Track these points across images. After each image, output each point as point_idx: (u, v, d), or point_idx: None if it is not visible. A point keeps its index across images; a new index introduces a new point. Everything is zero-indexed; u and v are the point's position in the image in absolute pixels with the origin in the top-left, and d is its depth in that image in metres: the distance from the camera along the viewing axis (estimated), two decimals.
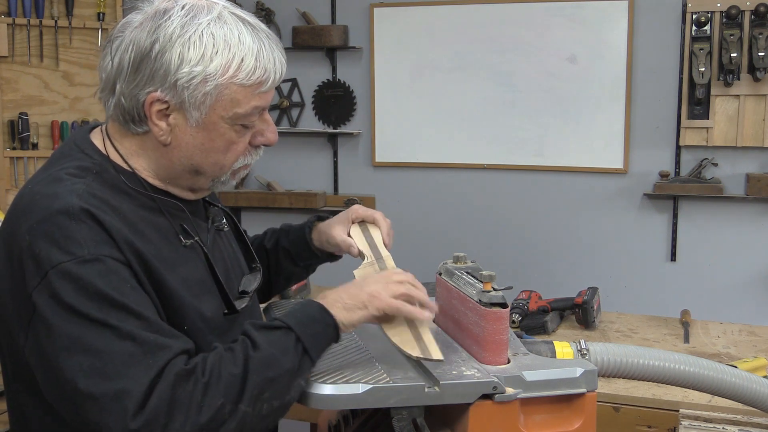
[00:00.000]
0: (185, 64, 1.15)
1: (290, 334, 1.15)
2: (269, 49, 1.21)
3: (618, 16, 3.59)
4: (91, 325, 1.06)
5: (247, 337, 1.14)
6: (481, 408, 1.18)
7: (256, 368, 1.10)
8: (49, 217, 1.11)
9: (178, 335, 1.13)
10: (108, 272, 1.09)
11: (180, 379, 1.05)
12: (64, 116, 3.59)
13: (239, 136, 1.23)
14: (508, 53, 3.78)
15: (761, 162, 3.49)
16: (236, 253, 1.44)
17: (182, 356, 1.09)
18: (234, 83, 1.18)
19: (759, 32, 3.29)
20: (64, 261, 1.07)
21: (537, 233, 3.85)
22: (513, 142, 3.83)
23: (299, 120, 4.16)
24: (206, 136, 1.21)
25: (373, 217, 1.53)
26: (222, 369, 1.08)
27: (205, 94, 1.17)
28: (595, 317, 2.58)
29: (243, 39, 1.18)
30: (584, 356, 1.41)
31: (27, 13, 3.48)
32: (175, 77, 1.16)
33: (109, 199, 1.17)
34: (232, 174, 1.29)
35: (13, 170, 3.48)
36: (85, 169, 1.20)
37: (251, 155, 1.28)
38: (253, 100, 1.20)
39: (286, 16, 4.11)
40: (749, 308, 3.51)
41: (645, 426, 2.00)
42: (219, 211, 1.42)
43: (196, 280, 1.24)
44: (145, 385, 1.04)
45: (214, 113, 1.19)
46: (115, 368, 1.04)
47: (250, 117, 1.22)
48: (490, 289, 1.28)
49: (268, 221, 4.23)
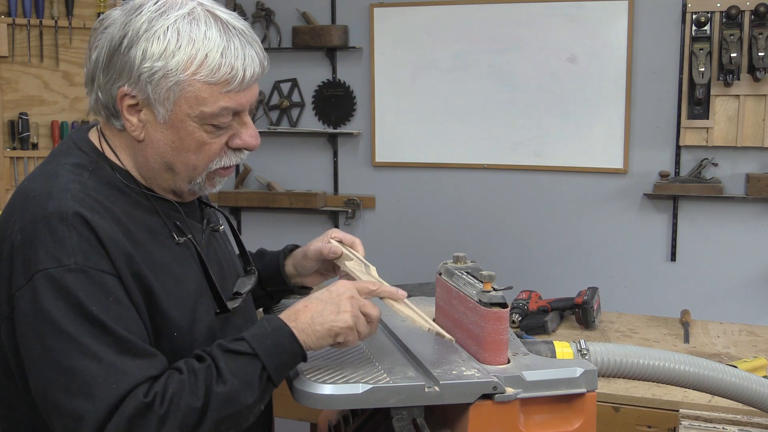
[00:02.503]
0: (147, 59, 1.15)
1: (256, 363, 1.13)
2: (239, 47, 1.18)
3: (618, 16, 3.59)
4: (62, 337, 1.07)
5: (212, 364, 1.12)
6: (481, 408, 1.18)
7: (217, 405, 1.09)
8: (42, 217, 1.11)
9: (150, 354, 1.12)
10: (91, 285, 1.09)
11: (137, 411, 1.05)
12: (64, 116, 3.59)
13: (211, 137, 1.20)
14: (508, 53, 3.78)
15: (761, 162, 3.49)
16: (231, 254, 1.43)
17: (145, 384, 1.08)
18: (197, 80, 1.16)
19: (759, 32, 3.29)
20: (50, 267, 1.08)
21: (537, 233, 3.85)
22: (513, 142, 3.83)
23: (299, 120, 4.16)
24: (175, 135, 1.19)
25: (351, 240, 1.47)
26: (181, 400, 1.08)
27: (168, 90, 1.16)
28: (595, 317, 2.58)
29: (209, 35, 1.16)
30: (584, 356, 1.41)
31: (27, 13, 3.48)
32: (138, 72, 1.15)
33: (103, 200, 1.17)
34: (209, 177, 1.25)
35: (13, 170, 3.48)
36: (82, 167, 1.20)
37: (229, 157, 1.24)
38: (221, 99, 1.17)
39: (286, 16, 4.11)
40: (749, 308, 3.51)
41: (645, 426, 2.00)
42: (214, 212, 1.41)
43: (189, 280, 1.24)
44: (102, 413, 1.05)
45: (180, 111, 1.17)
46: (78, 387, 1.05)
47: (219, 118, 1.19)
48: (490, 289, 1.28)
49: (268, 221, 4.23)
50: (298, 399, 1.17)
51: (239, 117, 1.23)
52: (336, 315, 1.18)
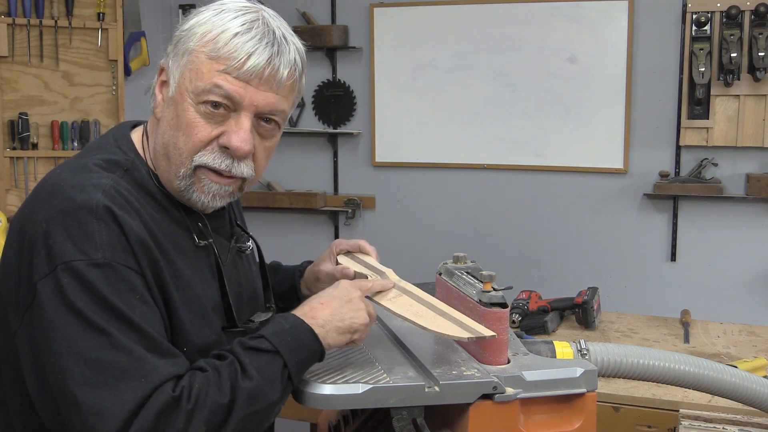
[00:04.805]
0: (179, 30, 1.22)
1: (278, 360, 1.13)
2: (256, 40, 1.18)
3: (618, 16, 3.59)
4: (89, 329, 1.04)
5: (236, 360, 1.12)
6: (481, 408, 1.18)
7: (243, 401, 1.08)
8: (70, 209, 1.09)
9: (174, 354, 1.11)
10: (118, 280, 1.07)
11: (165, 407, 1.04)
12: (64, 116, 3.59)
13: (204, 121, 1.18)
14: (508, 53, 3.78)
15: (761, 162, 3.49)
16: (254, 278, 1.42)
17: (172, 381, 1.07)
18: (202, 52, 1.18)
19: (759, 32, 3.29)
20: (76, 259, 1.06)
21: (537, 233, 3.85)
22: (513, 142, 3.83)
23: (299, 120, 4.17)
24: (175, 111, 1.20)
25: (357, 245, 1.52)
26: (208, 397, 1.07)
27: (181, 57, 1.20)
28: (595, 317, 2.58)
29: (234, 22, 1.19)
30: (584, 356, 1.41)
31: (27, 13, 3.48)
32: (173, 39, 1.22)
33: (134, 201, 1.15)
34: (197, 175, 1.20)
35: (13, 170, 3.48)
36: (116, 164, 1.19)
37: (215, 155, 1.19)
38: (215, 77, 1.16)
39: (286, 16, 4.04)
40: (749, 308, 3.51)
41: (645, 426, 2.00)
42: (243, 234, 1.40)
43: (207, 297, 1.22)
44: (129, 408, 1.02)
45: (183, 83, 1.19)
46: (105, 379, 1.03)
47: (209, 95, 1.16)
48: (490, 289, 1.28)
49: (268, 221, 4.23)
50: (298, 399, 1.18)
51: (238, 116, 1.19)
52: (355, 312, 1.21)
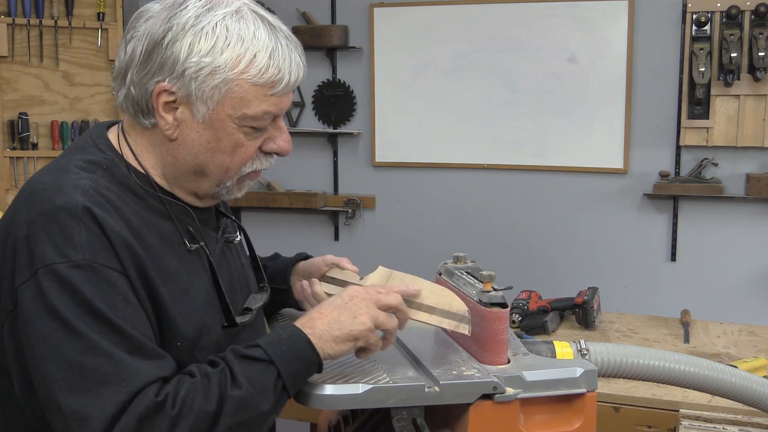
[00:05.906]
0: (194, 54, 1.12)
1: (271, 370, 1.10)
2: (286, 49, 1.16)
3: (618, 16, 3.59)
4: (70, 333, 1.03)
5: (227, 368, 1.09)
6: (481, 408, 1.18)
7: (231, 410, 1.06)
8: (50, 211, 1.08)
9: (159, 355, 1.09)
10: (100, 281, 1.06)
11: (148, 411, 1.02)
12: (64, 116, 3.59)
13: (248, 139, 1.18)
14: (508, 53, 3.78)
15: (761, 162, 3.49)
16: (244, 267, 1.39)
17: (155, 384, 1.05)
18: (244, 80, 1.14)
19: (759, 32, 3.29)
20: (56, 262, 1.05)
21: (537, 233, 3.85)
22: (513, 142, 3.83)
23: (299, 120, 4.16)
24: (212, 135, 1.17)
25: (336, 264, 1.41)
26: (194, 403, 1.05)
27: (213, 88, 1.13)
28: (595, 317, 2.58)
29: (258, 35, 1.14)
30: (584, 356, 1.41)
31: (27, 13, 3.48)
32: (183, 67, 1.13)
33: (115, 199, 1.14)
34: (238, 181, 1.23)
35: (13, 170, 3.48)
36: (95, 164, 1.17)
37: (260, 161, 1.22)
38: (264, 103, 1.16)
39: (286, 16, 4.10)
40: (749, 308, 3.51)
41: (645, 426, 2.00)
42: (231, 223, 1.37)
43: (198, 290, 1.21)
44: (111, 413, 1.01)
45: (222, 110, 1.15)
46: (86, 384, 1.02)
47: (259, 121, 1.17)
48: (490, 289, 1.28)
49: (268, 221, 4.23)
50: (298, 399, 1.17)
51: (275, 121, 1.21)
52: (353, 319, 1.16)
